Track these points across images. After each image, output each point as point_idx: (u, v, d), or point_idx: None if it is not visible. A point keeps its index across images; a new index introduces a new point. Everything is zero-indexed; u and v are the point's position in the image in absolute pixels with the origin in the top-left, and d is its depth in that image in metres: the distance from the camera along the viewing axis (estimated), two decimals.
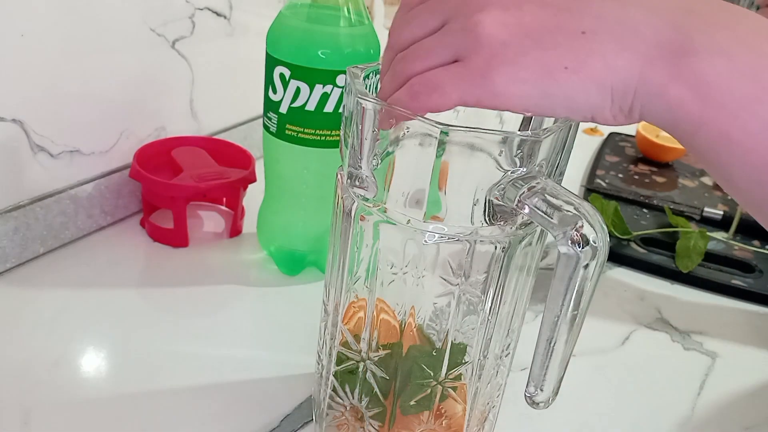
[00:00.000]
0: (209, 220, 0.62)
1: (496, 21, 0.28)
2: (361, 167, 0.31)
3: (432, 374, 0.34)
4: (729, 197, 0.77)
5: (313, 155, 0.49)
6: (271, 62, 0.48)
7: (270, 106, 0.49)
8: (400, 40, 0.31)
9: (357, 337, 0.35)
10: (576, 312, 0.29)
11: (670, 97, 0.26)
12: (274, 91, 0.48)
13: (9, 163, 0.50)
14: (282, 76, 0.47)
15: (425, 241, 0.31)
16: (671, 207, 0.72)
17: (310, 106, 0.47)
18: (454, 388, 0.35)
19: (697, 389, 0.49)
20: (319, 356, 0.38)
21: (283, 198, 0.53)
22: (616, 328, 0.55)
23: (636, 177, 0.83)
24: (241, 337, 0.48)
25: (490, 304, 0.33)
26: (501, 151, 0.28)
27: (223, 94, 0.69)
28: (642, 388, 0.48)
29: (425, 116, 0.28)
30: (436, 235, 0.31)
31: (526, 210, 0.28)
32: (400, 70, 0.30)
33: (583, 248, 0.27)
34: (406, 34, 0.30)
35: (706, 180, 0.85)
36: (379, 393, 0.35)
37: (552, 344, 0.30)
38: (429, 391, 0.35)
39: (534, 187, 0.28)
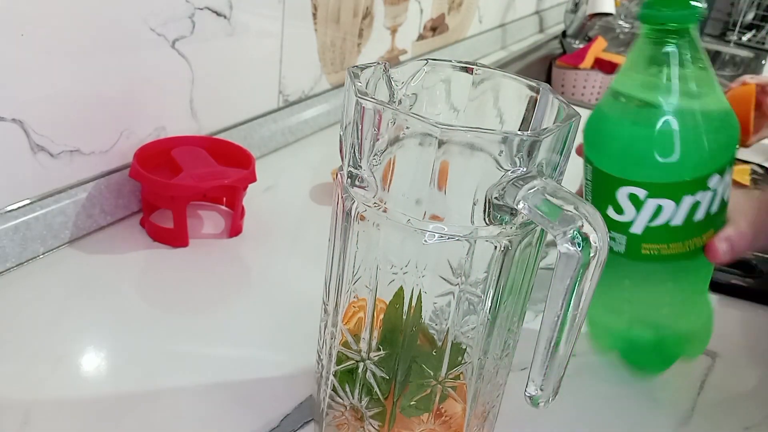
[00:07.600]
0: (209, 220, 0.62)
1: None
2: (361, 167, 0.31)
3: (432, 374, 0.34)
4: None
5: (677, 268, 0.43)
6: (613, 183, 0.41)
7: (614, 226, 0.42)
8: None
9: (357, 337, 0.35)
10: (576, 312, 0.29)
11: None
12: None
13: (9, 163, 0.50)
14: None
15: (425, 240, 0.31)
16: None
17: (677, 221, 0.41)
18: (454, 388, 0.35)
19: (697, 389, 0.49)
20: (319, 356, 0.38)
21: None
22: None
23: None
24: (241, 337, 0.48)
25: (490, 304, 0.33)
26: (501, 151, 0.28)
27: (223, 94, 0.69)
28: (642, 388, 0.48)
29: (425, 116, 0.28)
30: (436, 235, 0.30)
31: (526, 210, 0.28)
32: None
33: (583, 248, 0.27)
34: None
35: None
36: (379, 393, 0.35)
37: (552, 344, 0.30)
38: (429, 391, 0.35)
39: (534, 187, 0.28)
